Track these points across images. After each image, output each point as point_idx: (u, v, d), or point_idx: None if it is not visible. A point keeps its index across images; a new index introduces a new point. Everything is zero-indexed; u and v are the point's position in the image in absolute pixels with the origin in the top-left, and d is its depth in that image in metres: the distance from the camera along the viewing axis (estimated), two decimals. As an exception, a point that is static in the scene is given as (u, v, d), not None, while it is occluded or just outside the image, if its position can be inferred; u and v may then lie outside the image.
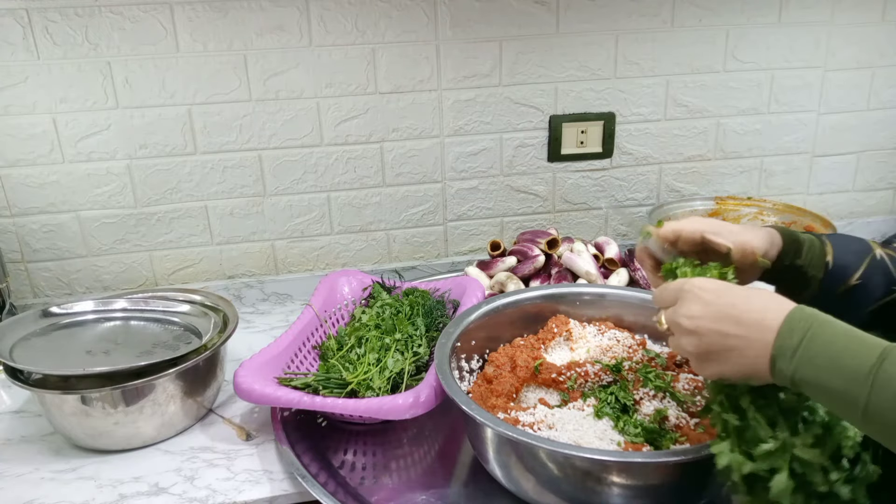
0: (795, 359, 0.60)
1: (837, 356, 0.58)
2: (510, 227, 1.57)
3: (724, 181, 1.62)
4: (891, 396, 0.54)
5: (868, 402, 0.55)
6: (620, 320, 1.08)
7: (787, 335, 0.61)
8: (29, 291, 1.41)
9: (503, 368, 0.97)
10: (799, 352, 0.60)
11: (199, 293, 1.21)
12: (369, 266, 1.53)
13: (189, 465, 0.99)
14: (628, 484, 0.77)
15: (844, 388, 0.57)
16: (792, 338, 0.60)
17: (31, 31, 1.24)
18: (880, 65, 1.57)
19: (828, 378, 0.58)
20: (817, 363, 0.59)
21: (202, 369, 1.05)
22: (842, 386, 0.57)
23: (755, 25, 1.48)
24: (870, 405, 0.55)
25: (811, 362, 0.59)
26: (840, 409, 0.59)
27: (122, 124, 1.32)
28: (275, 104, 1.37)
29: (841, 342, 0.59)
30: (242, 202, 1.43)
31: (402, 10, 1.35)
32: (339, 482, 0.92)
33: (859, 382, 0.56)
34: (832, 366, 0.58)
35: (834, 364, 0.58)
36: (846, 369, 0.57)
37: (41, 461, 1.00)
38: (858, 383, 0.56)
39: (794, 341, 0.60)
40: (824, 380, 0.58)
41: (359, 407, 0.92)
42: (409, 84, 1.40)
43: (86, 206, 1.37)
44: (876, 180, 1.69)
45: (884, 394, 0.55)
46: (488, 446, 0.85)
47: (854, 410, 0.57)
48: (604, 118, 1.50)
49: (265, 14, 1.30)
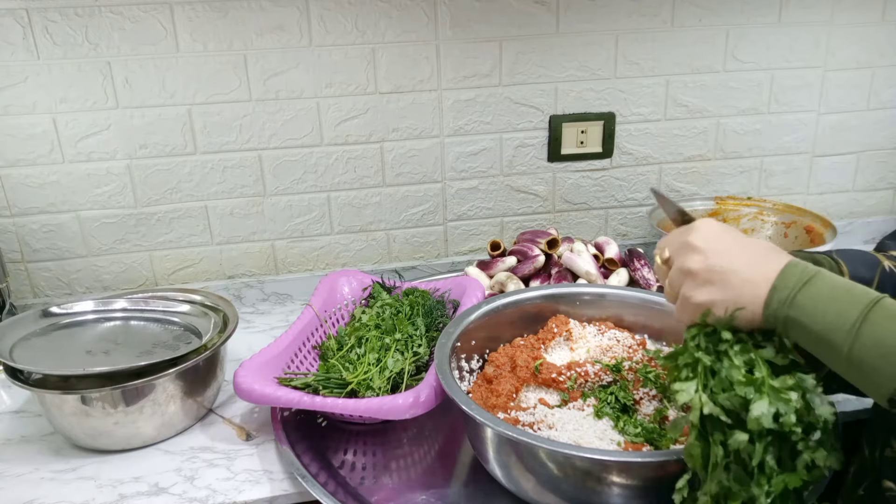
0: (791, 295, 0.62)
1: (829, 301, 0.61)
2: (510, 227, 1.57)
3: (724, 181, 1.62)
4: (872, 344, 0.57)
5: (852, 347, 0.58)
6: (620, 320, 1.08)
7: (790, 272, 0.63)
8: (29, 291, 1.41)
9: (503, 368, 0.97)
10: (796, 290, 0.62)
11: (199, 293, 1.21)
12: (369, 266, 1.53)
13: (189, 465, 0.99)
14: (628, 484, 0.77)
15: (831, 333, 0.60)
16: (793, 276, 0.63)
17: (31, 30, 1.24)
18: (880, 65, 1.57)
19: (817, 321, 0.60)
20: (810, 306, 0.61)
21: (202, 369, 1.05)
22: (829, 330, 0.60)
23: (755, 25, 1.48)
24: (853, 350, 0.58)
25: (804, 303, 0.61)
26: (825, 352, 0.61)
27: (122, 124, 1.32)
28: (275, 104, 1.37)
29: (834, 288, 0.61)
30: (242, 202, 1.43)
31: (402, 10, 1.35)
32: (339, 482, 0.92)
33: (846, 329, 0.59)
34: (824, 309, 0.60)
35: (824, 308, 0.60)
36: (837, 313, 0.60)
37: (41, 461, 1.00)
38: (845, 330, 0.59)
39: (794, 279, 0.63)
40: (813, 322, 0.61)
41: (359, 407, 0.92)
42: (409, 84, 1.40)
43: (86, 206, 1.37)
44: (876, 180, 1.69)
45: (867, 340, 0.57)
46: (488, 446, 0.85)
47: (838, 355, 0.59)
48: (604, 118, 1.50)
49: (265, 14, 1.30)
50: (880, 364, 0.57)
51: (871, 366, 0.57)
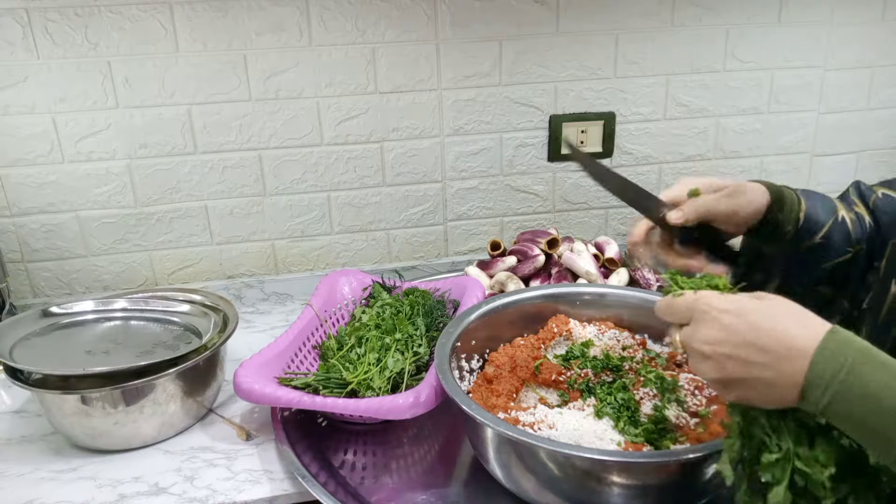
0: (830, 391, 0.55)
1: (877, 394, 0.53)
2: (510, 227, 1.57)
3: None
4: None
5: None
6: (620, 320, 1.08)
7: (822, 365, 0.55)
8: (29, 291, 1.41)
9: (503, 368, 0.97)
10: (834, 385, 0.55)
11: (199, 293, 1.21)
12: (369, 266, 1.53)
13: (189, 464, 0.99)
14: (628, 484, 0.77)
15: (881, 428, 0.53)
16: (827, 368, 0.55)
17: (30, 30, 1.23)
18: (880, 64, 1.57)
19: (864, 415, 0.54)
20: (854, 399, 0.54)
21: (202, 369, 1.05)
22: (879, 425, 0.53)
23: (755, 25, 1.48)
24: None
25: (847, 396, 0.54)
26: (874, 445, 0.56)
27: (121, 124, 1.32)
28: (275, 104, 1.37)
29: (881, 378, 0.54)
30: (242, 202, 1.43)
31: (402, 10, 1.35)
32: (339, 482, 0.92)
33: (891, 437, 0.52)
34: (870, 404, 0.54)
35: (873, 402, 0.54)
36: (885, 409, 0.53)
37: (41, 461, 1.00)
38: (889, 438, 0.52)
39: (829, 374, 0.55)
40: (860, 416, 0.54)
41: (359, 407, 0.92)
42: (409, 84, 1.40)
43: (85, 206, 1.37)
44: (876, 180, 1.68)
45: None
46: (488, 446, 0.85)
47: (889, 450, 0.54)
48: (604, 118, 1.50)
49: (265, 14, 1.30)
50: None
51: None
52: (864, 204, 0.86)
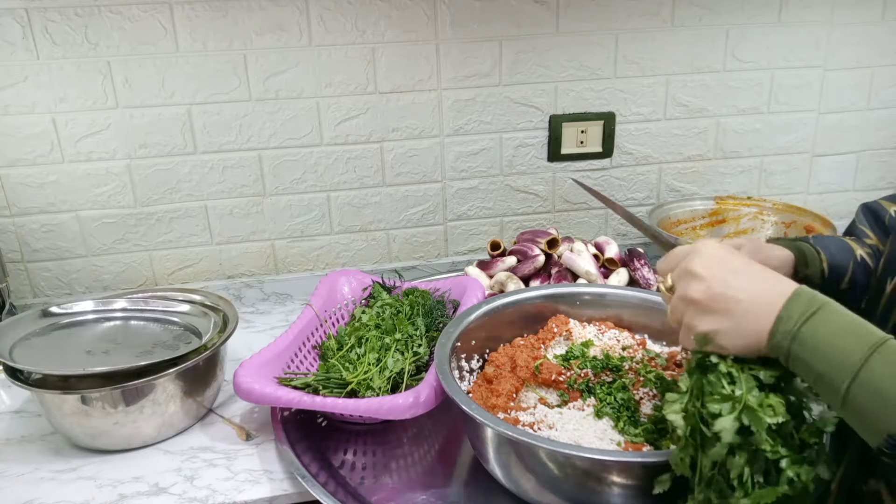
0: (796, 328, 0.61)
1: (833, 337, 0.59)
2: (510, 227, 1.57)
3: (724, 181, 1.62)
4: (870, 389, 0.56)
5: (849, 388, 0.57)
6: (620, 320, 1.08)
7: (796, 302, 0.62)
8: (29, 291, 1.41)
9: (503, 368, 0.97)
10: (800, 322, 0.60)
11: (198, 293, 1.21)
12: (369, 266, 1.53)
13: (189, 464, 0.99)
14: (628, 484, 0.77)
15: (831, 371, 0.58)
16: (798, 306, 0.61)
17: (30, 30, 1.23)
18: (880, 64, 1.57)
19: (819, 357, 0.59)
20: (813, 340, 0.60)
21: (202, 369, 1.05)
22: (829, 368, 0.59)
23: (755, 25, 1.48)
24: (850, 392, 0.57)
25: (808, 337, 0.60)
26: (822, 389, 0.60)
27: (121, 124, 1.32)
28: (274, 104, 1.37)
29: (840, 324, 0.60)
30: (242, 202, 1.43)
31: (402, 10, 1.35)
32: (339, 482, 0.92)
33: (846, 368, 0.57)
34: (827, 345, 0.59)
35: (828, 344, 0.59)
36: (837, 352, 0.58)
37: (41, 461, 1.00)
38: (845, 368, 0.58)
39: (799, 311, 0.61)
40: (816, 359, 0.59)
41: (359, 407, 0.92)
42: (409, 84, 1.40)
43: (85, 206, 1.37)
44: (876, 180, 1.69)
45: (866, 384, 0.56)
46: (488, 446, 0.84)
47: (835, 394, 0.58)
48: (604, 118, 1.50)
49: (265, 13, 1.30)
50: (876, 410, 0.56)
51: (866, 410, 0.57)
52: (879, 224, 0.87)
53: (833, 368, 0.58)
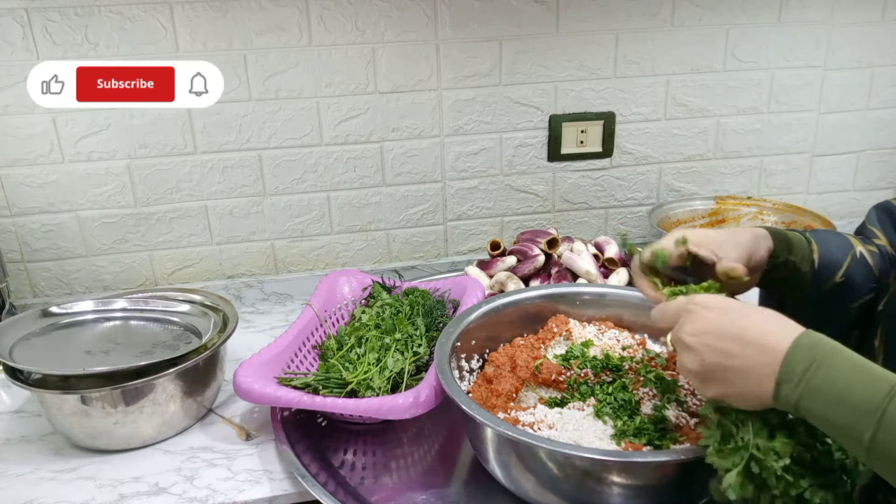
0: (801, 387, 0.58)
1: (845, 389, 0.56)
2: (510, 227, 1.57)
3: (723, 181, 1.62)
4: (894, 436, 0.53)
5: (874, 437, 0.54)
6: (620, 320, 1.08)
7: (794, 361, 0.59)
8: (29, 291, 1.41)
9: (503, 368, 0.97)
10: (805, 380, 0.58)
11: (198, 293, 1.21)
12: (369, 266, 1.53)
13: (189, 464, 0.99)
14: (628, 484, 0.77)
15: (850, 423, 0.56)
16: (798, 364, 0.59)
17: (30, 30, 1.23)
18: (880, 64, 1.57)
19: (834, 410, 0.57)
20: (823, 394, 0.57)
21: (202, 369, 1.05)
22: (847, 420, 0.56)
23: (755, 25, 1.48)
24: (875, 441, 0.54)
25: (817, 392, 0.57)
26: (844, 440, 0.58)
27: (121, 124, 1.32)
28: (274, 104, 1.37)
29: (849, 374, 0.57)
30: (242, 202, 1.43)
31: (402, 10, 1.35)
32: (339, 482, 0.92)
33: (866, 418, 0.54)
34: (839, 399, 0.56)
35: (840, 397, 0.56)
36: (853, 403, 0.56)
37: (41, 461, 1.00)
38: (865, 419, 0.55)
39: (801, 368, 0.58)
40: (830, 412, 0.57)
41: (359, 407, 0.92)
42: (409, 84, 1.40)
43: (85, 206, 1.37)
44: (876, 179, 1.69)
45: (891, 431, 0.53)
46: (488, 446, 0.85)
47: (858, 444, 0.56)
48: (604, 118, 1.50)
49: (265, 13, 1.30)
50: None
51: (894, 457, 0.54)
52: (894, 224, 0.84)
53: (852, 420, 0.55)
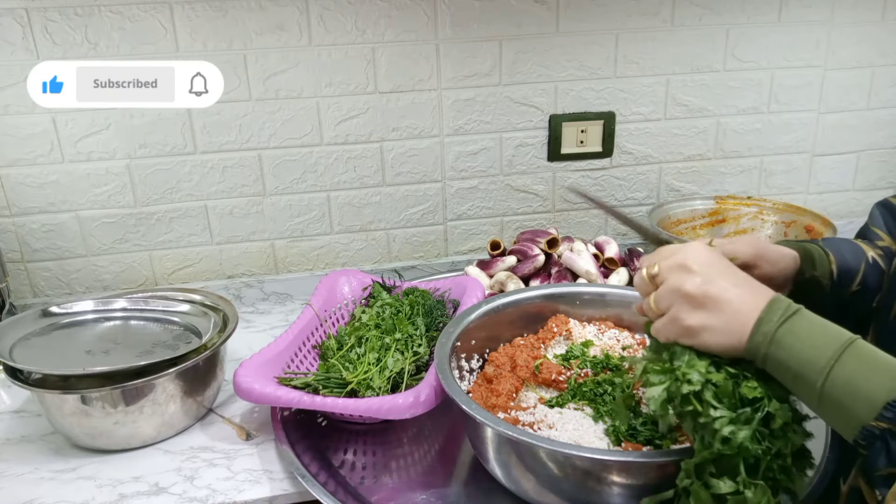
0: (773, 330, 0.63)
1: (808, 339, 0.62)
2: (510, 227, 1.57)
3: (723, 180, 1.62)
4: (843, 384, 0.59)
5: (823, 386, 0.60)
6: (620, 320, 1.08)
7: (774, 308, 0.64)
8: (29, 291, 1.41)
9: (503, 368, 0.97)
10: (779, 326, 0.63)
11: (198, 293, 1.21)
12: (369, 266, 1.53)
13: (189, 464, 0.99)
14: (628, 484, 0.77)
15: (806, 371, 0.61)
16: (777, 311, 0.64)
17: (30, 30, 1.23)
18: (880, 64, 1.57)
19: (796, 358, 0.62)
20: (789, 341, 0.62)
21: (202, 369, 1.05)
22: (805, 369, 0.61)
23: (755, 24, 1.48)
24: (825, 390, 0.60)
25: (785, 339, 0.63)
26: (799, 390, 0.63)
27: (121, 124, 1.32)
28: (274, 104, 1.37)
29: (816, 327, 0.63)
30: (242, 202, 1.43)
31: (402, 10, 1.35)
32: (339, 482, 0.92)
33: (819, 368, 0.60)
34: (802, 348, 0.62)
35: (803, 344, 0.62)
36: (813, 353, 0.61)
37: (41, 461, 1.00)
38: (818, 369, 0.60)
39: (777, 315, 0.64)
40: (792, 357, 0.62)
41: (359, 407, 0.92)
42: (409, 83, 1.40)
43: (85, 206, 1.37)
44: (876, 179, 1.69)
45: (838, 381, 0.59)
46: (488, 446, 0.85)
47: (811, 392, 0.61)
48: (604, 117, 1.50)
49: (265, 13, 1.30)
50: (849, 404, 0.59)
51: (840, 405, 0.59)
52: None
53: (809, 367, 0.61)
